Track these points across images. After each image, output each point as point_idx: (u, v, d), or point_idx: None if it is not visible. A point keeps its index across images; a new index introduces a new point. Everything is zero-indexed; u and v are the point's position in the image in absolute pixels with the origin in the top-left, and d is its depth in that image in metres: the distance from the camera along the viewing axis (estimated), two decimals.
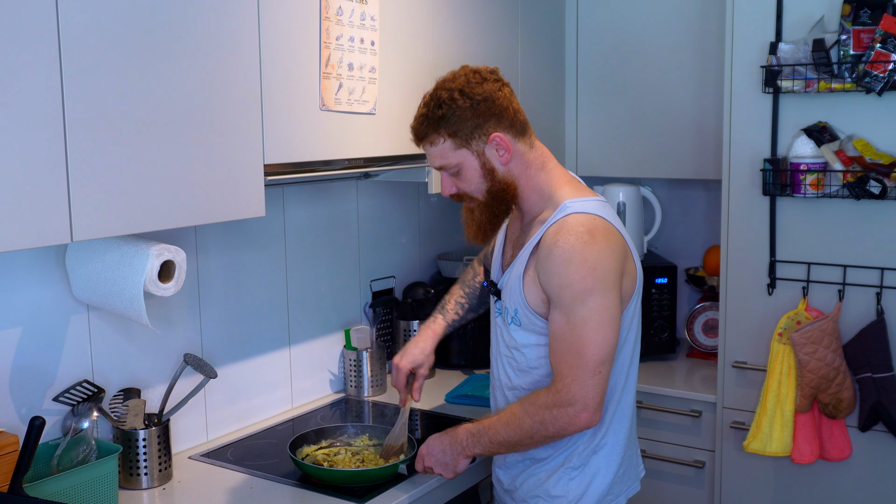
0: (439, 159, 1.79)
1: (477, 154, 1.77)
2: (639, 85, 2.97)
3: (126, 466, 1.93)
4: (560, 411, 1.70)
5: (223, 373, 2.26)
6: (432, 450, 1.88)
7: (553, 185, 1.81)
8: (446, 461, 1.86)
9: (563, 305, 1.70)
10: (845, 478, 2.44)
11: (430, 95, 1.79)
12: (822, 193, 2.39)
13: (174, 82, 1.65)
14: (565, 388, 1.70)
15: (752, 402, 2.53)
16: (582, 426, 1.71)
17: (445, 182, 1.83)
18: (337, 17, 2.00)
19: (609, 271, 1.70)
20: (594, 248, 1.69)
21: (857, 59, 2.29)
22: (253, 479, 2.00)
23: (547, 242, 1.72)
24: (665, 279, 2.90)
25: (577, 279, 1.68)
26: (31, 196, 1.43)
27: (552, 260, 1.70)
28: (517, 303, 1.80)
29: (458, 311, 2.20)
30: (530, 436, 1.75)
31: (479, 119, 1.75)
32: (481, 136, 1.76)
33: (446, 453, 1.86)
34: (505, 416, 1.79)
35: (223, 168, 1.77)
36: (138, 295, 1.75)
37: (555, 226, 1.73)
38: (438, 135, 1.77)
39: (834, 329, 2.37)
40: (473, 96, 1.75)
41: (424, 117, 1.78)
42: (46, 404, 1.87)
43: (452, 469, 1.86)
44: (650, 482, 2.73)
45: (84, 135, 1.50)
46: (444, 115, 1.75)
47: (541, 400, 1.73)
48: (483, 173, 1.78)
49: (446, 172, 1.82)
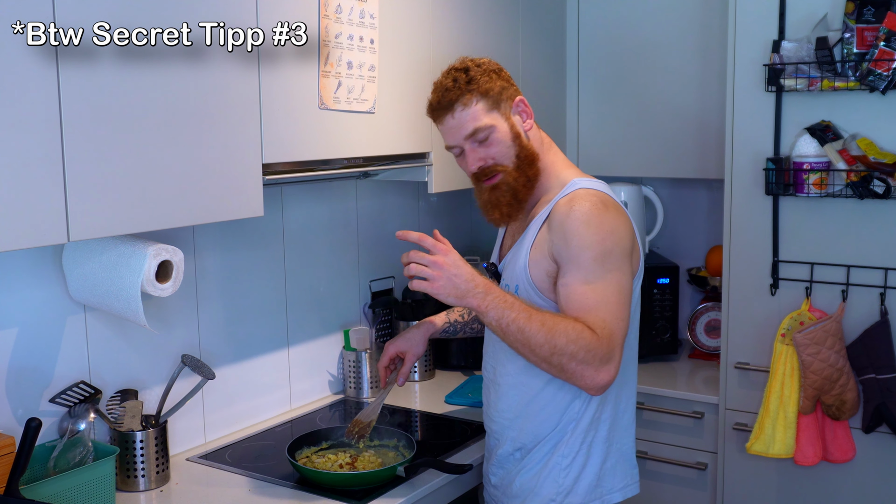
0: (472, 122, 1.79)
1: (505, 117, 1.81)
2: (640, 83, 2.97)
3: (123, 468, 1.93)
4: (594, 359, 1.63)
5: (221, 374, 2.26)
6: (459, 263, 1.66)
7: (560, 166, 1.87)
8: (457, 284, 1.64)
9: (582, 266, 1.69)
10: (849, 480, 2.44)
11: (446, 74, 1.84)
12: (826, 193, 2.38)
13: (172, 80, 1.65)
14: (608, 341, 1.64)
15: (755, 404, 2.53)
16: (597, 385, 1.65)
17: (472, 155, 1.82)
18: (336, 15, 2.00)
19: (625, 237, 1.73)
20: (609, 214, 1.72)
21: (860, 58, 2.29)
22: (251, 482, 2.00)
23: (560, 210, 1.75)
24: (667, 279, 2.90)
25: (597, 240, 1.69)
26: (27, 195, 1.43)
27: (570, 222, 1.71)
28: (519, 278, 1.80)
29: (465, 314, 2.21)
30: (551, 352, 1.63)
31: (504, 82, 1.83)
32: (507, 99, 1.82)
33: (466, 282, 1.65)
34: (543, 316, 1.65)
35: (221, 167, 1.77)
36: (135, 295, 1.75)
37: (566, 197, 1.77)
38: (472, 95, 1.79)
39: (837, 330, 2.37)
40: (489, 66, 1.83)
41: (454, 83, 1.80)
42: (43, 406, 1.87)
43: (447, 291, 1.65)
44: (651, 484, 2.73)
45: (81, 133, 1.50)
46: (472, 79, 1.79)
47: (586, 335, 1.63)
48: (512, 136, 1.81)
49: (473, 142, 1.81)
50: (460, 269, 1.65)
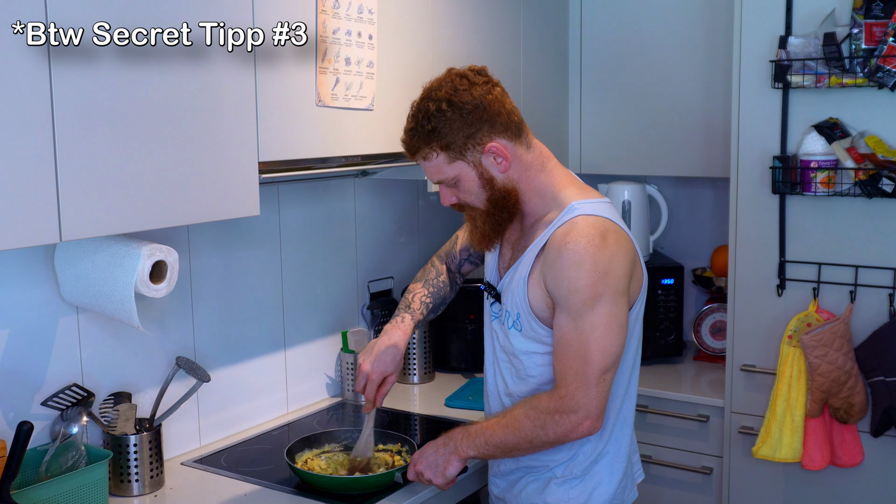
0: (436, 174, 1.77)
1: (473, 164, 1.74)
2: (644, 80, 2.97)
3: (116, 473, 1.93)
4: (562, 417, 1.70)
5: (216, 376, 2.26)
6: (424, 452, 1.85)
7: (556, 186, 1.80)
8: (437, 462, 1.81)
9: (572, 310, 1.69)
10: (857, 484, 2.44)
11: (417, 107, 1.76)
12: (833, 192, 2.38)
13: (166, 78, 1.65)
14: (569, 395, 1.69)
15: (762, 407, 2.53)
16: (584, 433, 1.71)
17: (444, 192, 1.81)
18: (334, 11, 2.00)
19: (620, 277, 1.70)
20: (606, 252, 1.68)
21: (869, 54, 2.29)
22: (247, 486, 2.00)
23: (555, 244, 1.71)
24: (671, 280, 2.90)
25: (587, 284, 1.67)
26: (18, 194, 1.43)
27: (562, 262, 1.69)
28: (520, 307, 1.79)
29: (424, 310, 2.12)
30: (529, 440, 1.74)
31: (471, 129, 1.71)
32: (476, 146, 1.73)
33: (438, 454, 1.82)
34: (504, 418, 1.77)
35: (216, 166, 1.77)
36: (129, 296, 1.75)
37: (563, 227, 1.72)
38: (431, 149, 1.74)
39: (845, 331, 2.37)
40: (462, 105, 1.70)
41: (414, 131, 1.75)
42: (34, 409, 1.87)
43: (443, 472, 1.81)
44: (655, 488, 2.73)
45: (73, 131, 1.50)
46: (434, 129, 1.71)
47: (542, 404, 1.72)
48: (482, 183, 1.76)
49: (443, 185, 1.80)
50: (431, 449, 1.84)
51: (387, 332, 2.02)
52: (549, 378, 1.80)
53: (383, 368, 1.97)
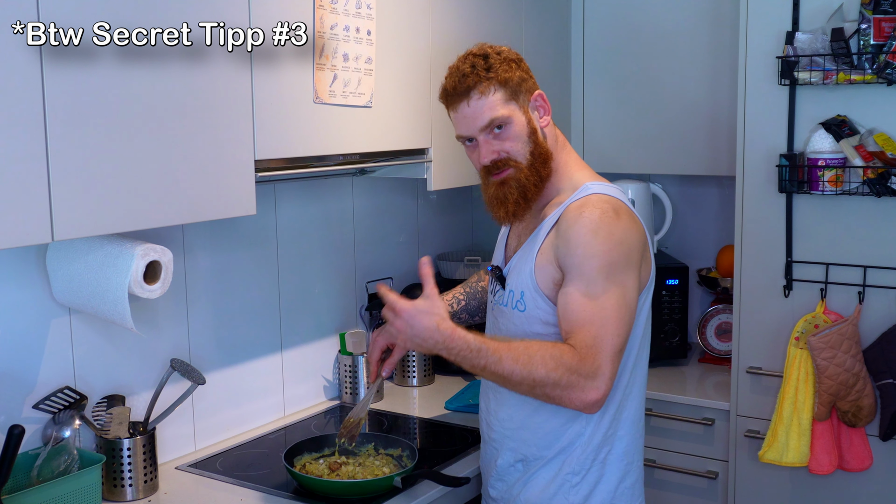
0: (489, 112, 1.78)
1: (523, 110, 1.80)
2: (649, 77, 2.97)
3: (110, 477, 1.93)
4: (579, 379, 1.64)
5: (212, 379, 2.26)
6: (414, 324, 1.68)
7: (573, 167, 1.87)
8: (420, 344, 1.68)
9: (586, 276, 1.69)
10: (865, 489, 2.44)
11: (463, 58, 1.82)
12: (842, 190, 2.38)
13: (160, 76, 1.65)
14: (591, 357, 1.64)
15: (768, 410, 2.53)
16: (589, 403, 1.65)
17: (486, 147, 1.80)
18: (331, 6, 2.00)
19: (633, 249, 1.73)
20: (620, 224, 1.72)
21: (877, 50, 2.29)
22: (243, 491, 2.00)
23: (570, 215, 1.75)
24: (676, 280, 2.90)
25: (603, 250, 1.69)
26: (9, 193, 1.43)
27: (577, 229, 1.71)
28: (525, 284, 1.80)
29: (454, 304, 2.17)
30: (532, 385, 1.66)
31: (524, 73, 1.82)
32: (526, 92, 1.81)
33: (426, 340, 1.68)
34: (516, 350, 1.66)
35: (212, 164, 1.77)
36: (122, 297, 1.75)
37: (577, 202, 1.76)
38: (490, 84, 1.78)
39: (854, 333, 2.37)
40: (509, 54, 1.82)
41: (472, 69, 1.79)
42: (26, 412, 1.87)
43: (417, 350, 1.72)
44: (660, 494, 2.73)
45: (65, 129, 1.50)
46: (491, 66, 1.78)
47: (566, 358, 1.64)
48: (529, 132, 1.81)
49: (488, 134, 1.80)
50: (415, 329, 1.68)
51: None
52: None
53: (389, 335, 1.88)
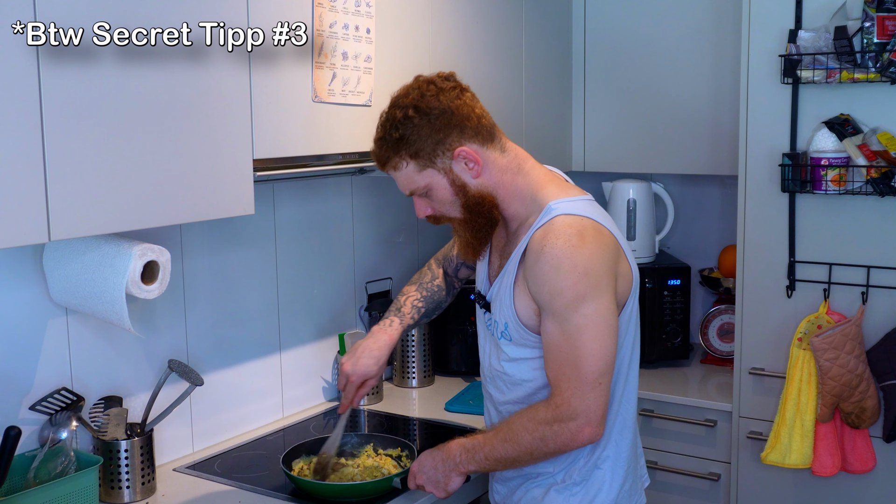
0: (407, 184, 1.78)
1: (444, 171, 1.75)
2: (650, 75, 2.97)
3: (107, 479, 1.93)
4: (561, 427, 1.70)
5: (210, 380, 2.26)
6: (424, 466, 1.86)
7: (534, 187, 1.79)
8: (438, 479, 1.84)
9: (556, 314, 1.69)
10: (869, 491, 2.44)
11: (385, 116, 1.77)
12: (845, 190, 2.39)
13: (158, 74, 1.64)
14: (565, 403, 1.69)
15: (770, 411, 2.53)
16: (585, 441, 1.71)
17: (419, 204, 1.82)
18: (330, 4, 2.00)
19: (601, 274, 1.69)
20: (584, 251, 1.67)
21: (881, 48, 2.29)
22: (241, 493, 2.00)
23: (534, 248, 1.71)
24: (678, 281, 2.90)
25: (567, 285, 1.67)
26: (5, 193, 1.43)
27: (540, 266, 1.69)
28: (507, 317, 1.80)
29: (415, 315, 2.13)
30: (529, 452, 1.74)
31: (440, 134, 1.72)
32: (445, 153, 1.73)
33: (438, 470, 1.84)
34: (502, 431, 1.77)
35: (210, 163, 1.77)
36: (120, 297, 1.75)
37: (541, 230, 1.72)
38: (400, 158, 1.75)
39: (857, 334, 2.37)
40: (430, 111, 1.72)
41: (383, 140, 1.76)
42: (23, 413, 1.87)
43: (444, 488, 1.84)
44: (662, 496, 2.73)
45: (62, 128, 1.50)
46: (402, 137, 1.72)
47: (540, 415, 1.72)
48: (454, 191, 1.76)
49: (418, 196, 1.80)
50: (430, 464, 1.85)
51: (373, 334, 2.05)
52: (543, 382, 1.80)
53: (364, 371, 2.00)
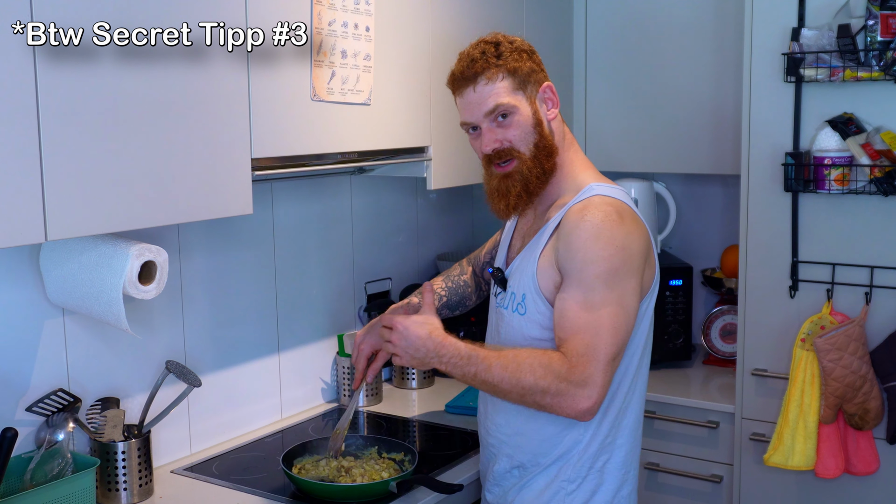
0: (494, 98, 1.79)
1: (530, 100, 1.80)
2: (652, 74, 2.97)
3: (104, 481, 1.93)
4: (568, 387, 1.65)
5: (208, 381, 2.26)
6: (409, 335, 1.75)
7: (578, 167, 1.86)
8: (412, 354, 1.75)
9: (584, 282, 1.69)
10: (872, 493, 2.44)
11: (475, 44, 1.83)
12: (848, 189, 2.38)
13: (156, 74, 1.64)
14: (582, 366, 1.65)
15: (773, 413, 2.53)
16: (579, 413, 1.67)
17: (489, 134, 1.81)
18: (329, 2, 2.00)
19: (635, 254, 1.72)
20: (623, 227, 1.71)
21: (885, 46, 2.29)
22: (239, 495, 2.00)
23: (571, 218, 1.74)
24: (680, 281, 2.90)
25: (603, 256, 1.68)
26: (2, 192, 1.43)
27: (578, 233, 1.70)
28: (527, 286, 1.80)
29: (435, 300, 2.14)
30: (522, 394, 1.69)
31: (535, 65, 1.83)
32: (535, 83, 1.81)
33: (419, 350, 1.74)
34: (506, 359, 1.70)
35: (208, 163, 1.77)
36: (117, 298, 1.75)
37: (579, 205, 1.75)
38: (498, 70, 1.78)
39: (860, 334, 2.37)
40: (521, 44, 1.83)
41: (481, 55, 1.79)
42: (19, 415, 1.87)
43: (407, 361, 1.77)
44: (663, 497, 2.73)
45: (59, 127, 1.50)
46: (501, 54, 1.79)
47: (555, 365, 1.66)
48: (533, 123, 1.80)
49: (492, 121, 1.80)
50: (409, 339, 1.75)
51: (391, 309, 2.08)
52: None
53: (374, 341, 1.98)
